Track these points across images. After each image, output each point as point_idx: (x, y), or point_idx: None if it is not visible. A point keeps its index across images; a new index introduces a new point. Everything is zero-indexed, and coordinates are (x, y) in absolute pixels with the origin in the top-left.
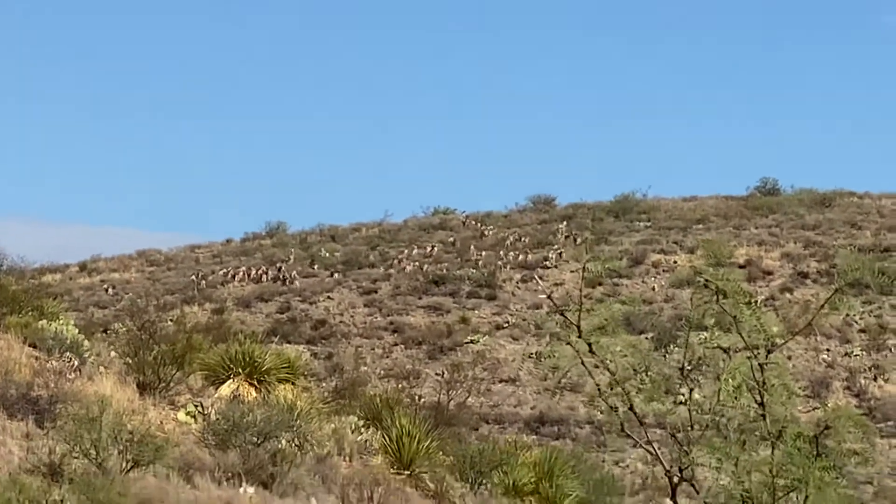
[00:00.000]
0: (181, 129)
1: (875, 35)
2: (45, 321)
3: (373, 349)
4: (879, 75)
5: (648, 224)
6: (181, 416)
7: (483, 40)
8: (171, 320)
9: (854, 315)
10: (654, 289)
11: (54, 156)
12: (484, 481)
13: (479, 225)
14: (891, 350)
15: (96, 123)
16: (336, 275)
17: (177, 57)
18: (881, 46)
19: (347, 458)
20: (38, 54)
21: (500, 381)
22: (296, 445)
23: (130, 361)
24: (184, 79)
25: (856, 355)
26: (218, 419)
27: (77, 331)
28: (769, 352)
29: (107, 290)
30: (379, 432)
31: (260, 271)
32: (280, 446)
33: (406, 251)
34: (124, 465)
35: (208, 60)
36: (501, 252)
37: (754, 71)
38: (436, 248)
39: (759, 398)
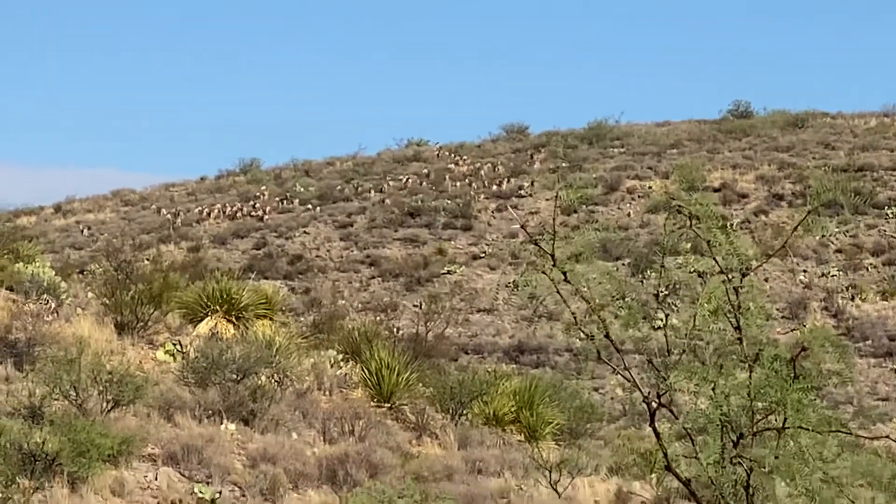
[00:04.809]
0: (152, 66)
1: None
2: (21, 264)
3: (350, 283)
4: None
5: (622, 150)
6: (160, 354)
7: None
8: (147, 259)
9: (830, 235)
10: (629, 215)
11: (25, 99)
12: (464, 412)
13: (452, 155)
14: (867, 269)
15: (67, 65)
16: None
17: None
18: None
19: (327, 393)
20: None
21: (478, 311)
22: (275, 381)
23: (108, 302)
24: (155, 17)
25: (832, 276)
26: (197, 357)
27: (53, 273)
28: (744, 275)
29: (82, 231)
30: (358, 366)
31: (235, 208)
32: (260, 382)
33: (381, 184)
34: (104, 405)
35: None
36: (475, 182)
37: None
38: (410, 180)
39: (735, 322)
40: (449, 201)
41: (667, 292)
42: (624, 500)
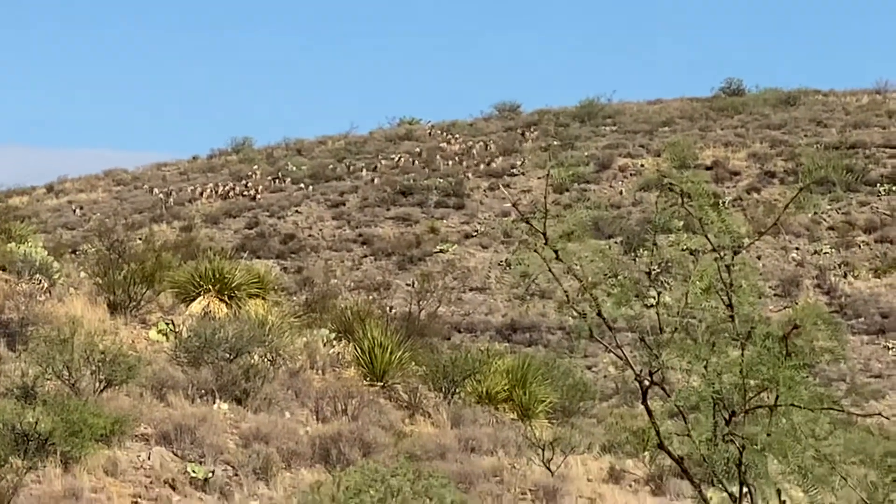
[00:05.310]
0: (144, 46)
1: None
2: (13, 244)
3: (342, 262)
4: None
5: (614, 128)
6: (153, 334)
7: None
8: (139, 239)
9: (822, 213)
10: (621, 193)
11: (18, 80)
12: (457, 390)
13: (444, 134)
14: (859, 247)
15: (60, 46)
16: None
17: None
18: None
19: (320, 372)
20: None
21: (471, 290)
22: (268, 360)
23: (100, 281)
24: None
25: (825, 253)
26: (189, 336)
27: (46, 252)
28: (736, 253)
29: (74, 211)
30: (351, 345)
31: (227, 187)
32: (252, 362)
33: (373, 163)
34: (97, 385)
35: None
36: (467, 161)
37: None
38: (402, 159)
39: (727, 299)
40: (441, 180)
41: (659, 270)
42: (617, 477)
